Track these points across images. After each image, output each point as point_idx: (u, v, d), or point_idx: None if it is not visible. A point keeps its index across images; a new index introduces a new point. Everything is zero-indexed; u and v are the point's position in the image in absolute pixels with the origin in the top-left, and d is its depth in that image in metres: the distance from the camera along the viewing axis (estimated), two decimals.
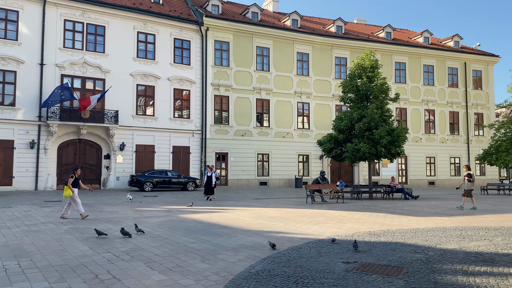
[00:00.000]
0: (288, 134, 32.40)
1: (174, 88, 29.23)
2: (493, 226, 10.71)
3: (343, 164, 33.60)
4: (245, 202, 17.82)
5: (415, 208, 15.80)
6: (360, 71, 21.67)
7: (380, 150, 19.82)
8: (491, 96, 39.09)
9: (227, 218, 12.04)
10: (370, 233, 9.48)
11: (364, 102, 21.70)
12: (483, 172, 38.28)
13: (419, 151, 36.18)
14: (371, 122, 20.33)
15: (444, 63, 37.79)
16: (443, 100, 37.47)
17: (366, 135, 20.37)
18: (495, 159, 27.48)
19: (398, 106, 35.81)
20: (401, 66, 36.49)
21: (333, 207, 15.83)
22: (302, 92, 33.01)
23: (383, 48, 35.46)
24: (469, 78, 38.48)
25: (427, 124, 37.02)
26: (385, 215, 13.14)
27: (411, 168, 35.92)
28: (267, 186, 31.25)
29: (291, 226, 10.47)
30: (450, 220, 12.12)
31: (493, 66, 39.31)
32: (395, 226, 10.63)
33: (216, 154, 30.14)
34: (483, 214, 13.74)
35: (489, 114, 38.82)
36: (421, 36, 38.57)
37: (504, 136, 27.96)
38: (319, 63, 33.88)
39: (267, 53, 32.34)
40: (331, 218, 12.23)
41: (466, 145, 37.80)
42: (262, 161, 31.63)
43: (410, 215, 13.21)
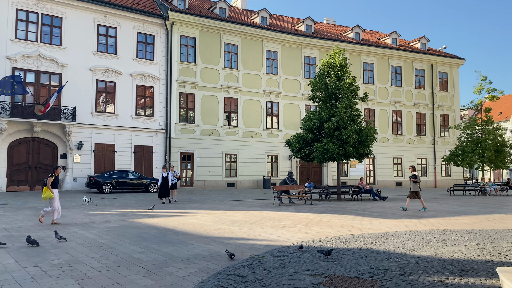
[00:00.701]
0: (256, 134, 31.63)
1: (137, 85, 27.86)
2: (465, 229, 10.25)
3: (312, 165, 33.18)
4: (209, 205, 16.86)
5: (384, 209, 15.32)
6: (329, 69, 21.16)
7: (349, 150, 19.34)
8: (456, 98, 39.77)
9: (186, 223, 11.06)
10: (339, 238, 8.76)
11: (333, 101, 21.19)
12: (448, 173, 38.85)
13: (387, 152, 36.27)
14: (340, 121, 19.83)
15: (412, 65, 38.12)
16: (410, 101, 37.77)
17: (335, 134, 19.85)
18: (461, 160, 27.72)
19: (366, 106, 35.76)
20: (370, 67, 36.49)
21: (301, 209, 15.13)
22: (271, 91, 32.32)
23: (352, 48, 35.32)
24: (436, 80, 39.00)
25: (395, 125, 37.19)
26: (354, 218, 12.53)
27: (379, 168, 35.95)
28: (234, 187, 30.34)
29: (255, 231, 9.62)
30: (421, 222, 11.63)
31: (458, 68, 40.03)
32: (365, 230, 9.99)
33: (181, 154, 28.96)
34: (453, 216, 13.38)
35: (454, 116, 39.47)
36: (389, 37, 38.76)
37: (469, 137, 28.26)
38: (288, 62, 33.31)
39: (235, 50, 31.46)
40: (298, 222, 11.48)
41: (433, 146, 38.25)
42: (229, 161, 30.69)
43: (380, 217, 12.66)
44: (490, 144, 26.41)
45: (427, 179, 37.86)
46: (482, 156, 26.48)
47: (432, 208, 15.78)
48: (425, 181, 37.68)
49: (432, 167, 38.07)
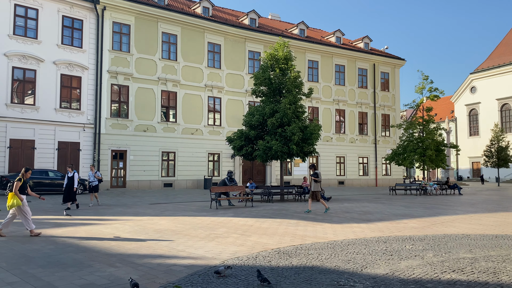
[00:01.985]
0: (197, 131, 29.75)
1: (62, 74, 24.93)
2: (417, 236, 9.27)
3: (256, 164, 31.90)
4: (137, 209, 14.86)
5: (328, 211, 14.24)
6: (273, 62, 19.89)
7: (293, 148, 18.17)
8: (397, 98, 40.44)
9: (97, 234, 9.11)
10: (279, 251, 7.33)
11: (277, 97, 19.94)
12: (388, 172, 39.38)
13: (330, 151, 35.93)
14: (284, 118, 18.60)
15: (355, 64, 38.12)
16: (353, 101, 37.75)
17: (279, 132, 18.61)
18: (402, 159, 27.78)
19: (310, 105, 35.16)
20: (314, 65, 35.92)
21: (240, 213, 13.63)
22: (214, 86, 30.59)
23: (297, 44, 34.50)
24: (378, 79, 39.35)
25: (338, 124, 36.97)
26: (298, 222, 11.23)
27: (322, 167, 35.48)
28: (172, 188, 28.27)
29: (179, 245, 7.94)
30: (369, 227, 10.57)
31: (399, 69, 40.74)
32: (310, 239, 8.67)
33: (112, 151, 26.40)
34: (400, 218, 12.53)
35: (395, 116, 40.10)
36: (333, 36, 38.50)
37: (411, 136, 28.42)
38: (232, 56, 31.77)
39: (174, 41, 29.34)
40: (235, 229, 9.95)
41: (374, 145, 38.54)
42: (167, 160, 28.55)
43: (324, 222, 11.48)
44: (431, 143, 26.66)
45: (369, 178, 38.10)
46: (423, 156, 26.67)
47: (377, 210, 14.97)
48: (367, 180, 37.89)
49: (373, 166, 38.36)
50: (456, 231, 10.06)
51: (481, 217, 12.90)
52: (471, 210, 15.35)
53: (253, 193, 18.82)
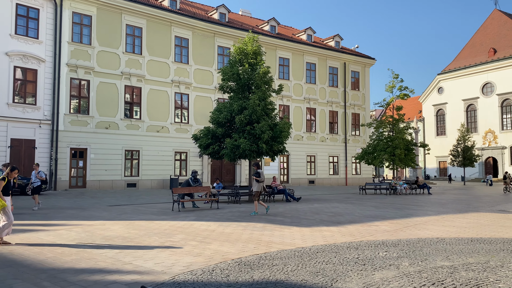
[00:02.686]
0: (163, 129, 28.53)
1: (15, 66, 23.21)
2: (390, 240, 8.66)
3: (225, 163, 30.99)
4: (92, 212, 13.68)
5: (298, 213, 13.55)
6: (242, 57, 19.03)
7: (262, 146, 17.41)
8: (367, 97, 40.45)
9: (34, 243, 7.99)
10: (240, 262, 6.50)
11: (245, 93, 19.11)
12: (358, 171, 39.33)
13: (301, 150, 35.47)
14: (252, 115, 17.80)
15: (326, 62, 37.82)
16: (324, 99, 37.44)
17: (247, 129, 17.79)
18: (372, 158, 27.56)
19: (281, 103, 34.56)
20: (285, 62, 35.34)
21: (203, 216, 12.71)
22: (181, 82, 29.45)
23: (268, 41, 33.81)
24: (348, 78, 39.21)
25: (309, 122, 36.56)
26: (264, 226, 10.44)
27: (293, 166, 35.00)
28: (136, 188, 26.96)
29: (126, 255, 6.96)
30: (339, 231, 9.91)
31: (369, 68, 40.77)
32: (275, 246, 7.89)
33: (71, 150, 24.86)
34: (372, 220, 11.96)
35: (364, 115, 40.10)
36: (304, 33, 38.05)
37: (381, 135, 28.26)
38: (201, 51, 30.71)
39: (139, 34, 28.00)
40: (194, 236, 9.05)
41: (344, 144, 38.38)
42: (131, 158, 27.21)
43: (292, 225, 10.74)
44: (401, 142, 26.57)
45: (339, 177, 37.91)
46: (393, 155, 26.53)
47: (348, 211, 14.41)
48: (337, 179, 37.69)
49: (344, 165, 38.20)
50: (430, 234, 9.54)
51: (453, 218, 12.52)
52: (442, 210, 15.04)
53: (220, 194, 17.95)
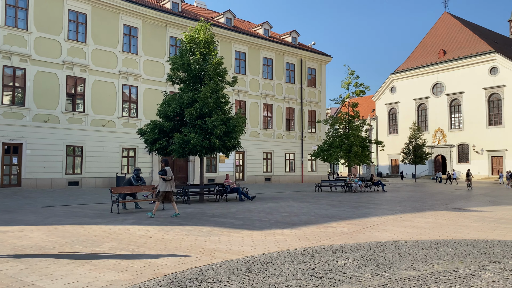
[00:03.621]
0: (109, 123, 26.59)
1: None
2: (349, 245, 7.83)
3: (177, 160, 29.43)
4: (15, 215, 11.93)
5: (250, 214, 12.54)
6: (193, 46, 17.75)
7: (214, 142, 16.25)
8: (323, 94, 40.27)
9: None
10: (173, 279, 5.35)
11: (197, 84, 17.86)
12: (314, 168, 39.08)
13: (257, 147, 34.60)
14: (204, 108, 16.60)
15: (283, 58, 37.16)
16: (281, 96, 36.78)
17: (198, 123, 16.56)
18: (328, 155, 27.17)
19: (237, 98, 33.50)
20: (241, 56, 34.28)
21: (145, 219, 11.39)
22: (129, 73, 27.59)
23: (223, 34, 32.60)
24: (305, 75, 38.80)
25: (265, 119, 35.75)
26: (211, 230, 9.33)
27: (249, 164, 34.07)
28: (79, 186, 24.90)
29: (32, 273, 5.60)
30: (294, 234, 8.99)
31: (325, 65, 40.59)
32: (221, 255, 6.80)
33: (4, 145, 22.46)
34: (328, 221, 11.17)
35: (320, 112, 39.89)
36: (261, 28, 37.17)
37: (337, 132, 27.92)
38: (151, 42, 28.96)
39: (83, 20, 25.87)
40: (127, 243, 7.77)
41: (300, 141, 37.96)
42: (73, 155, 25.10)
43: (243, 228, 9.71)
44: (356, 139, 26.33)
45: (295, 175, 37.44)
46: (349, 152, 26.25)
47: (303, 211, 13.59)
48: (293, 176, 37.21)
49: (300, 163, 37.79)
50: (391, 236, 8.84)
51: (411, 218, 12.01)
52: (399, 209, 14.60)
53: None
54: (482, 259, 6.75)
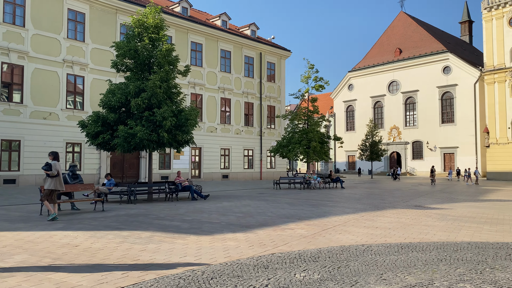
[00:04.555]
0: (51, 115, 24.38)
1: None
2: (309, 251, 6.86)
3: (128, 156, 27.61)
4: None
5: (201, 215, 11.35)
6: (141, 30, 16.22)
7: (163, 135, 14.86)
8: (282, 89, 39.56)
9: None
10: None
11: (145, 73, 16.35)
12: (273, 165, 38.34)
13: (214, 142, 33.31)
14: (152, 98, 15.16)
15: (241, 51, 36.03)
16: (239, 90, 35.66)
17: (146, 115, 15.11)
18: (287, 151, 26.37)
19: (193, 91, 32.03)
20: (198, 47, 32.81)
21: (77, 223, 9.91)
22: (75, 62, 25.44)
23: (179, 23, 31.01)
24: (264, 69, 37.90)
25: (223, 113, 34.51)
26: (151, 236, 8.06)
27: (205, 160, 32.73)
28: (16, 184, 22.60)
29: None
30: (247, 239, 7.92)
31: (285, 60, 39.90)
32: (155, 269, 5.59)
33: None
34: (286, 222, 10.20)
35: (280, 108, 39.17)
36: (219, 19, 35.83)
37: (296, 127, 27.18)
38: (100, 29, 26.90)
39: (21, 2, 23.47)
40: (43, 255, 6.37)
41: (259, 137, 37.06)
42: (9, 150, 22.75)
43: (190, 232, 8.52)
44: (315, 134, 25.71)
45: (254, 171, 36.53)
46: (308, 148, 25.58)
47: (260, 210, 12.57)
48: (252, 173, 36.28)
49: (259, 159, 36.90)
50: (354, 239, 7.97)
51: (373, 217, 11.29)
52: (359, 207, 13.92)
53: (111, 192, 15.07)
54: (456, 266, 5.98)
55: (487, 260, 6.34)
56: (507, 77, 40.49)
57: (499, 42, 41.36)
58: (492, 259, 6.44)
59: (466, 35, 66.33)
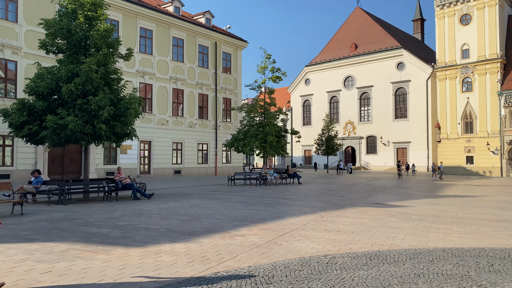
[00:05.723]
0: None
1: None
2: (261, 267, 5.58)
3: (70, 149, 25.17)
4: None
5: (139, 219, 9.79)
6: (76, 7, 14.21)
7: (100, 127, 13.04)
8: (239, 81, 38.17)
9: None
10: None
11: (80, 56, 14.37)
12: (229, 160, 36.96)
13: (165, 136, 31.37)
14: (87, 84, 13.27)
15: (195, 40, 34.20)
16: (193, 81, 33.86)
17: (79, 104, 13.20)
18: (243, 145, 25.07)
19: (142, 81, 29.89)
20: (148, 34, 30.64)
21: None
22: (5, 45, 22.70)
23: (127, 7, 28.70)
24: (219, 60, 36.29)
25: (175, 105, 32.60)
26: (67, 250, 6.46)
27: (156, 155, 30.74)
28: None
29: None
30: (187, 250, 6.53)
31: (241, 51, 38.48)
32: None
33: None
34: (237, 226, 8.88)
35: (236, 100, 37.78)
36: (171, 5, 33.75)
37: (252, 120, 25.90)
38: (34, 9, 24.16)
39: None
40: None
41: (214, 130, 35.51)
42: None
43: (118, 244, 6.99)
44: (272, 128, 24.57)
45: (208, 167, 34.96)
46: (264, 142, 24.41)
47: (209, 212, 11.18)
48: (206, 168, 34.70)
49: (214, 154, 35.37)
50: (315, 248, 6.79)
51: (333, 218, 10.23)
52: (318, 205, 12.88)
53: (38, 191, 13.10)
54: (437, 283, 4.94)
55: (470, 274, 5.37)
56: (458, 73, 41.48)
57: (450, 40, 42.27)
58: (476, 272, 5.48)
59: (419, 33, 67.94)
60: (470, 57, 40.97)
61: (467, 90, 41.05)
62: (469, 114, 40.60)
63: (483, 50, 40.14)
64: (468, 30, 41.32)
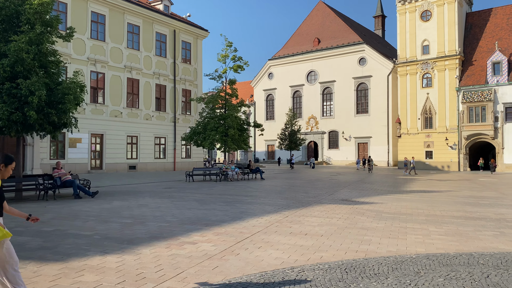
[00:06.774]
0: None
1: None
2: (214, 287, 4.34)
3: (9, 142, 22.68)
4: None
5: (71, 223, 8.26)
6: None
7: (31, 115, 11.27)
8: (199, 72, 36.54)
9: None
10: None
11: (9, 33, 12.44)
12: (189, 154, 35.34)
13: (119, 129, 29.33)
14: (17, 65, 11.44)
15: (152, 27, 32.23)
16: (150, 70, 31.92)
17: (6, 88, 11.36)
18: (202, 139, 23.61)
19: (94, 69, 27.69)
20: (100, 19, 28.42)
21: None
22: None
23: None
24: (179, 49, 34.50)
25: (130, 96, 30.57)
26: None
27: (109, 149, 28.66)
28: None
29: None
30: (119, 265, 5.18)
31: (202, 40, 36.83)
32: None
33: None
34: (191, 230, 7.58)
35: (196, 92, 36.14)
36: None
37: (213, 112, 24.46)
38: None
39: None
40: None
41: (173, 123, 33.76)
42: None
43: (33, 258, 5.52)
44: (234, 121, 23.27)
45: (166, 162, 33.21)
46: (225, 135, 23.08)
47: (158, 213, 9.79)
48: (164, 164, 32.95)
49: (172, 148, 33.64)
50: (279, 257, 5.63)
51: (299, 218, 9.15)
52: (281, 203, 11.78)
53: None
54: None
55: None
56: (419, 69, 41.87)
57: (411, 35, 42.57)
58: (472, 286, 4.51)
59: (380, 29, 68.66)
60: (430, 53, 41.43)
61: (427, 85, 41.52)
62: (429, 109, 41.11)
63: (442, 47, 40.68)
64: (428, 26, 41.74)
